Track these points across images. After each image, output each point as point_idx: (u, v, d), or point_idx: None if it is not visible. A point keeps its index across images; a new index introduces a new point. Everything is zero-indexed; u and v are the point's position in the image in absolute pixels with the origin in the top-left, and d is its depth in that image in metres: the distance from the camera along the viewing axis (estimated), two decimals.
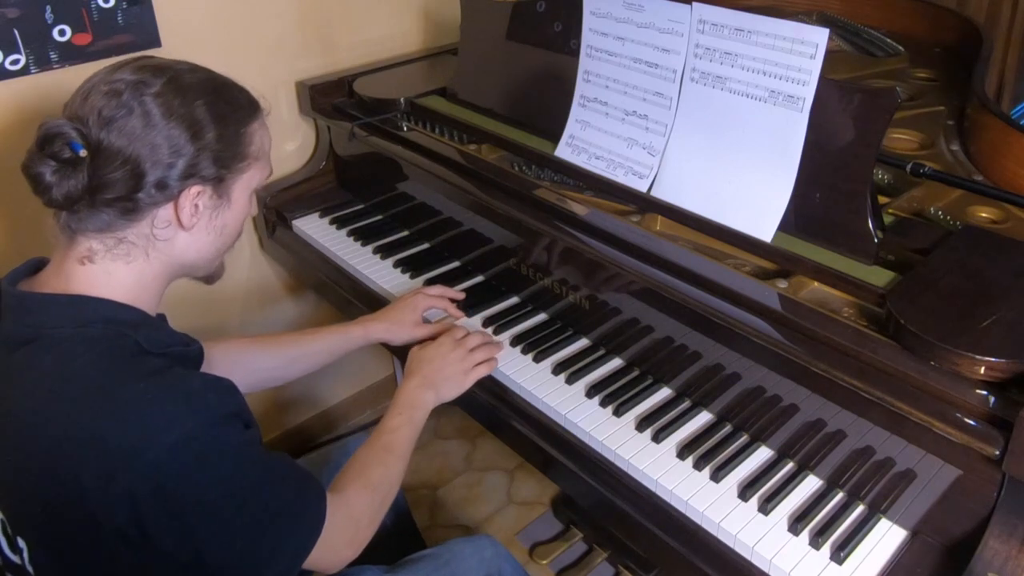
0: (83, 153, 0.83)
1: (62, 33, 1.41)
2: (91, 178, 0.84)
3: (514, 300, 1.38)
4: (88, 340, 0.83)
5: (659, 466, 1.04)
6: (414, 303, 1.32)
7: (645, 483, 1.04)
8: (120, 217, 0.86)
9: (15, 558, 0.86)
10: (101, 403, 0.79)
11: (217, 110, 0.89)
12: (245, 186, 0.95)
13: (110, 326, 0.85)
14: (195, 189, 0.89)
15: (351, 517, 0.97)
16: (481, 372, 1.20)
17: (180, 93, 0.87)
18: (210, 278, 1.02)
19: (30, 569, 0.85)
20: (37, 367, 0.82)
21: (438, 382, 1.17)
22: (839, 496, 1.00)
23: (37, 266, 0.93)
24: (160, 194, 0.87)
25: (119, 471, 0.76)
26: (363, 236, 1.59)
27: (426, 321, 1.33)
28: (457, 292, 1.37)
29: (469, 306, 1.36)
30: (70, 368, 0.81)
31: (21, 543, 0.85)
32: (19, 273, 0.92)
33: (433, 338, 1.25)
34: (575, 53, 1.34)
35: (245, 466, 0.84)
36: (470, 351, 1.20)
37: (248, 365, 1.22)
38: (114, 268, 0.88)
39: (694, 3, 1.15)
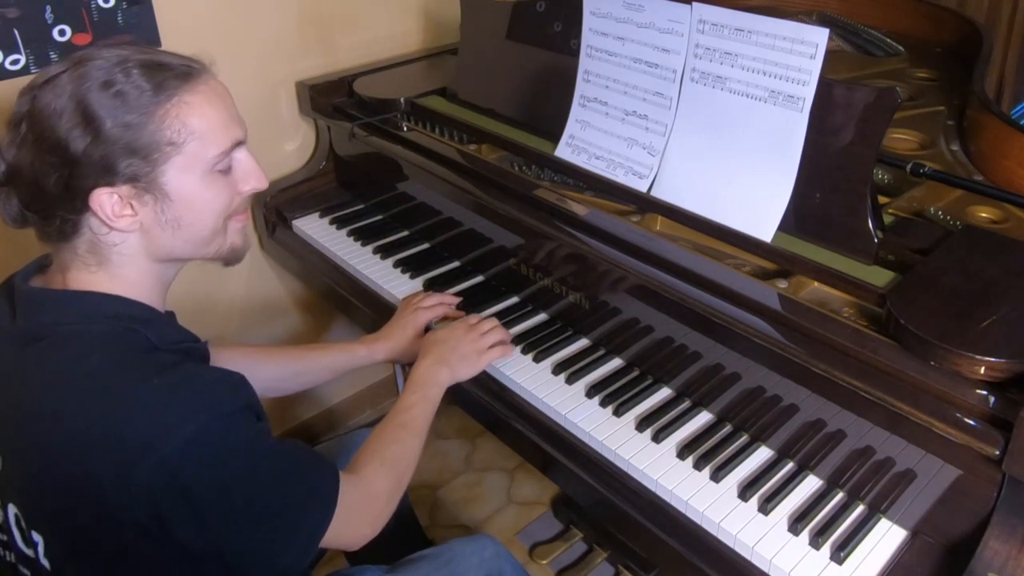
0: None
1: (62, 33, 1.41)
2: (19, 198, 0.85)
3: (514, 300, 1.38)
4: (100, 336, 0.84)
5: (659, 466, 1.04)
6: (414, 319, 1.31)
7: (645, 483, 1.04)
8: (64, 230, 0.86)
9: (29, 552, 0.87)
10: (116, 400, 0.79)
11: (103, 106, 0.81)
12: (183, 174, 0.86)
13: (120, 322, 0.86)
14: (101, 192, 0.83)
15: (368, 495, 0.98)
16: (495, 354, 1.20)
17: (60, 95, 0.82)
18: (225, 261, 0.98)
19: (45, 563, 0.86)
20: (52, 363, 0.83)
21: (453, 361, 1.17)
22: (839, 496, 1.00)
23: (44, 264, 0.93)
24: (71, 205, 0.84)
25: (136, 466, 0.77)
26: (363, 236, 1.59)
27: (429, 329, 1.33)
28: (452, 297, 1.37)
29: (469, 306, 1.36)
30: (84, 365, 0.82)
31: (36, 537, 0.85)
32: (30, 270, 0.93)
33: None
34: (575, 53, 1.34)
35: (259, 457, 0.85)
36: (483, 334, 1.21)
37: (250, 374, 1.22)
38: (90, 274, 0.88)
39: (694, 3, 1.15)
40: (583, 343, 1.28)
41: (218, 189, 0.90)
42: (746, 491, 1.00)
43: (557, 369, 1.21)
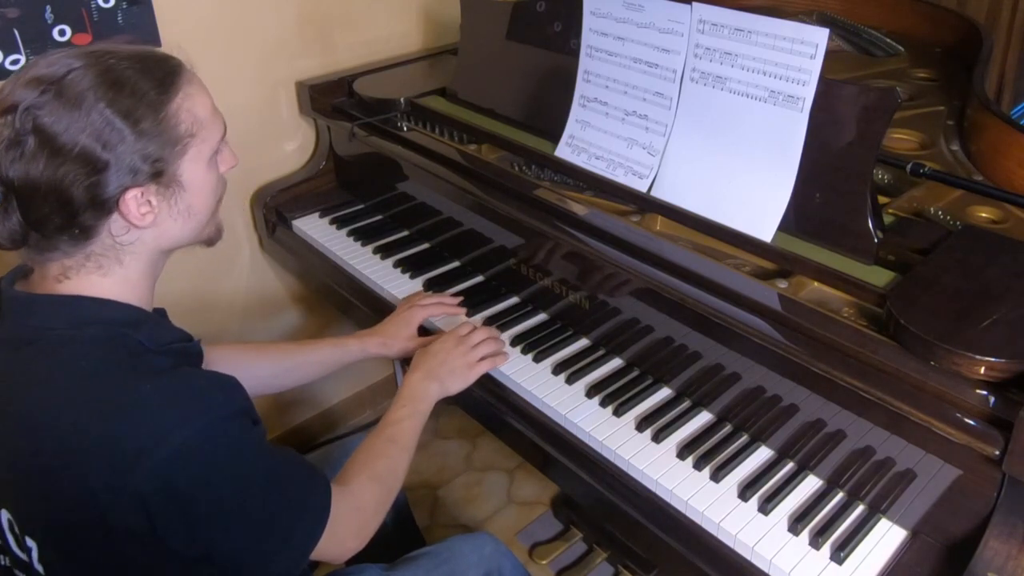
0: None
1: (62, 33, 1.41)
2: (24, 216, 0.81)
3: (514, 300, 1.38)
4: (91, 341, 0.83)
5: (659, 466, 1.04)
6: (409, 317, 1.31)
7: (645, 483, 1.04)
8: (74, 240, 0.84)
9: (24, 556, 0.87)
10: (109, 405, 0.79)
11: (122, 108, 0.81)
12: (194, 163, 0.89)
13: (110, 327, 0.85)
14: (132, 194, 0.83)
15: (356, 509, 0.98)
16: (486, 366, 1.20)
17: (73, 105, 0.79)
18: (208, 242, 0.98)
19: (39, 568, 0.85)
20: (43, 368, 0.82)
21: (442, 375, 1.17)
22: (839, 496, 1.00)
23: (27, 270, 0.92)
24: (99, 211, 0.83)
25: (128, 472, 0.76)
26: (363, 236, 1.59)
27: (426, 330, 1.33)
28: (451, 298, 1.37)
29: (469, 306, 1.36)
30: (76, 370, 0.81)
31: (30, 542, 0.85)
32: (16, 274, 0.92)
33: None
34: (575, 53, 1.34)
35: (252, 463, 0.85)
36: (474, 346, 1.21)
37: (245, 371, 1.21)
38: (92, 280, 0.87)
39: (694, 3, 1.15)
40: (583, 343, 1.27)
41: (216, 173, 0.94)
42: (746, 491, 1.00)
43: (557, 369, 1.21)
